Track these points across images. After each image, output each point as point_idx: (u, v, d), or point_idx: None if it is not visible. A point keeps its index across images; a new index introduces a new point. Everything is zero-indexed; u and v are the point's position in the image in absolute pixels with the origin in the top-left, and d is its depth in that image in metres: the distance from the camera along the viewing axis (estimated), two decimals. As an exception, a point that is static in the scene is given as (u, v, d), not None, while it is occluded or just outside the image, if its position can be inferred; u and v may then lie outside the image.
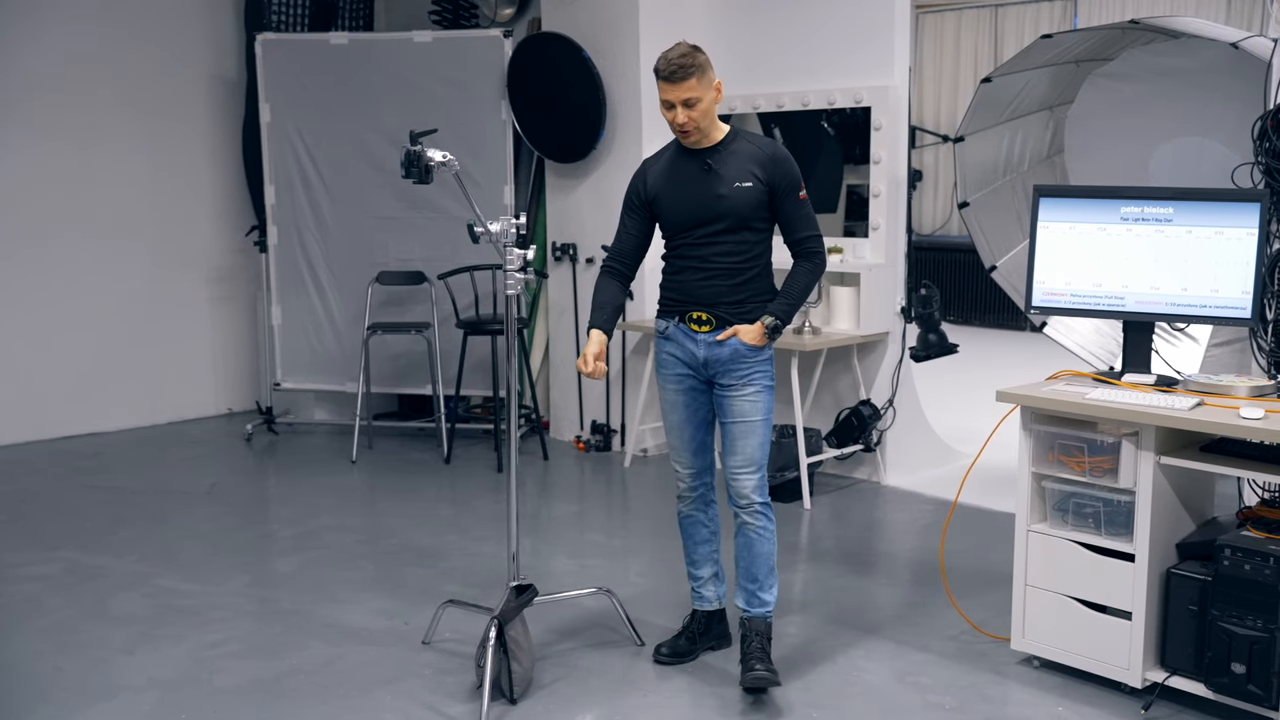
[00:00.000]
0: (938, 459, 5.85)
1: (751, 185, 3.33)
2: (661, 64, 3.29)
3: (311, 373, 6.79)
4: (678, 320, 3.44)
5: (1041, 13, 10.63)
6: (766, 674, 3.31)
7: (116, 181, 6.76)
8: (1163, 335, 4.70)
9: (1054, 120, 5.17)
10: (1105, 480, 3.28)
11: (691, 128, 3.32)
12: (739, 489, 3.40)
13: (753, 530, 3.42)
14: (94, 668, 3.60)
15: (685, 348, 3.43)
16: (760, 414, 3.40)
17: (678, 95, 3.27)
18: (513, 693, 3.33)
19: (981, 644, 3.71)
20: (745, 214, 3.34)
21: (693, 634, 3.66)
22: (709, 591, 3.68)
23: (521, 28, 6.70)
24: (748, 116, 6.01)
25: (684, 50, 3.29)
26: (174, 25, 6.91)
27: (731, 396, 3.40)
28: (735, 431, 3.40)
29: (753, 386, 3.39)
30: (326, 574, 4.42)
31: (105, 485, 5.73)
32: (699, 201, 3.36)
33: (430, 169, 3.28)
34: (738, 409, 3.39)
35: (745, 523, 3.42)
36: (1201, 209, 3.34)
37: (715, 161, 3.36)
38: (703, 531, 3.63)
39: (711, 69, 3.32)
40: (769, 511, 3.44)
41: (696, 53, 3.29)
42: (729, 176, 3.34)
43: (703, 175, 3.36)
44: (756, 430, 3.40)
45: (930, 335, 5.44)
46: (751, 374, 3.38)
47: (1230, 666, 3.07)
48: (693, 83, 3.26)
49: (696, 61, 3.27)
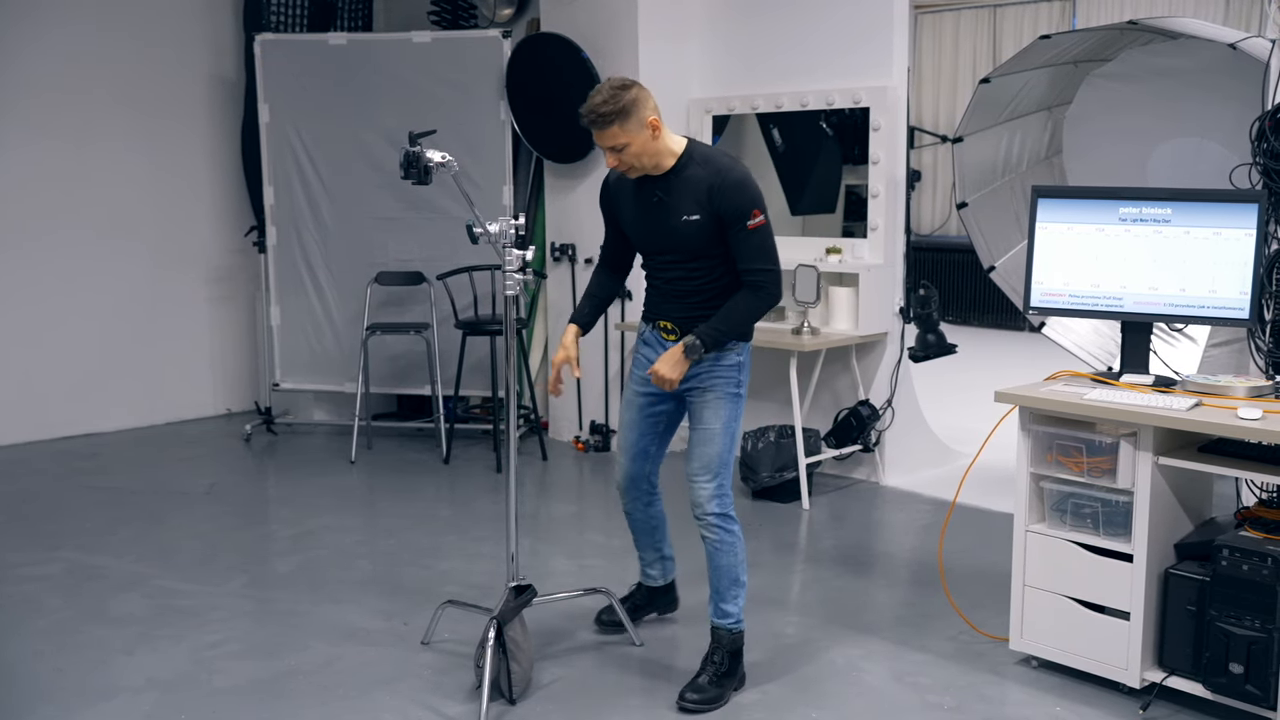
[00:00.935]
0: (936, 459, 5.85)
1: (699, 218, 3.23)
2: (583, 111, 3.19)
3: (310, 373, 6.79)
4: (652, 326, 3.49)
5: (1040, 13, 10.64)
6: (692, 703, 3.27)
7: (115, 181, 6.76)
8: (1161, 336, 4.71)
9: (1052, 121, 5.18)
10: (1103, 481, 3.29)
11: (625, 169, 3.27)
12: (694, 498, 3.37)
13: (711, 544, 3.38)
14: (93, 668, 3.60)
15: (657, 352, 3.44)
16: (719, 422, 3.35)
17: (603, 142, 3.22)
18: (511, 693, 3.33)
19: (980, 644, 3.71)
20: (695, 246, 3.28)
21: (635, 604, 3.85)
22: (655, 570, 3.84)
23: (520, 28, 6.70)
24: (746, 117, 6.02)
25: (605, 96, 3.16)
26: (173, 25, 6.91)
27: (693, 402, 3.40)
28: (694, 438, 3.40)
29: (712, 393, 3.36)
30: (325, 574, 4.43)
31: (104, 485, 5.73)
32: (652, 230, 3.34)
33: (429, 170, 3.28)
34: (697, 415, 3.39)
35: (703, 535, 3.39)
36: (1200, 209, 3.35)
37: (665, 192, 3.29)
38: (643, 525, 3.74)
39: (641, 108, 3.18)
40: (726, 524, 3.36)
41: (621, 94, 3.16)
42: (678, 209, 3.26)
43: (654, 206, 3.31)
44: (714, 438, 3.34)
45: (929, 335, 5.44)
46: (712, 381, 3.36)
47: (1228, 666, 3.07)
48: (615, 130, 3.16)
49: (619, 107, 3.14)
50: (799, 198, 6.06)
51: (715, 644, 3.41)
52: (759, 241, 3.24)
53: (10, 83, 6.35)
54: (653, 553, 3.80)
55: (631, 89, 3.20)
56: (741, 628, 3.43)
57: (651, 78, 5.96)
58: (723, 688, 3.34)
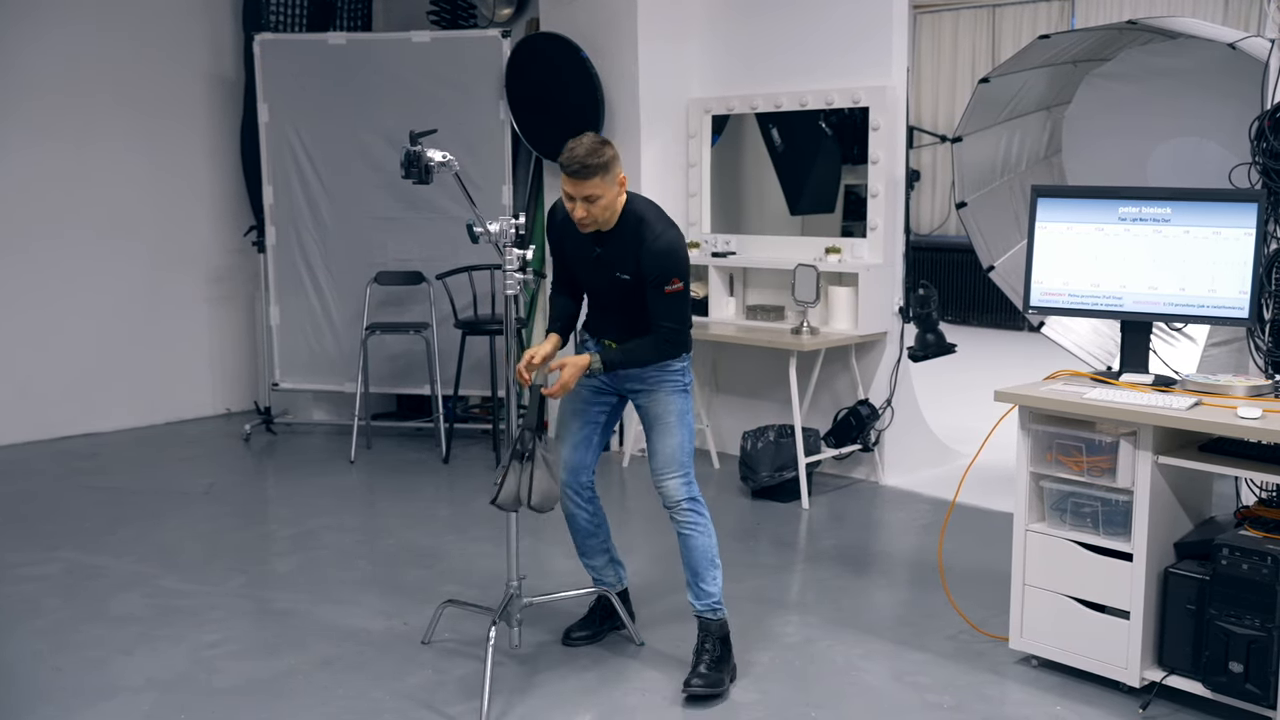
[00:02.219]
0: (936, 459, 5.85)
1: (630, 278, 3.38)
2: (566, 158, 3.25)
3: (310, 373, 6.79)
4: (596, 341, 3.59)
5: (1039, 13, 10.64)
6: (699, 688, 3.36)
7: (115, 181, 6.76)
8: (1160, 335, 4.71)
9: (1052, 120, 5.18)
10: (1103, 480, 3.29)
11: (589, 222, 3.34)
12: (665, 492, 3.45)
13: (685, 529, 3.46)
14: (92, 668, 3.60)
15: None
16: (674, 416, 3.46)
17: (580, 192, 3.27)
18: (530, 501, 3.32)
19: (980, 643, 3.71)
20: (633, 301, 3.42)
21: (599, 616, 3.81)
22: (608, 576, 3.79)
23: (520, 28, 6.70)
24: (745, 117, 6.02)
25: (590, 147, 3.25)
26: (172, 25, 6.91)
27: (644, 404, 3.51)
28: (653, 436, 3.49)
29: (661, 392, 3.47)
30: (325, 574, 4.43)
31: (103, 485, 5.73)
32: (590, 276, 3.49)
33: (430, 169, 3.28)
34: (651, 413, 3.49)
35: (678, 522, 3.47)
36: (1199, 209, 3.35)
37: (604, 250, 3.41)
38: (584, 526, 3.70)
39: (618, 164, 3.31)
40: (698, 508, 3.47)
41: (604, 148, 3.27)
42: (613, 265, 3.40)
43: (593, 260, 3.44)
44: (672, 430, 3.45)
45: (928, 335, 5.44)
46: (660, 382, 3.47)
47: (1228, 665, 3.07)
48: (596, 181, 3.24)
49: (603, 160, 3.24)
50: (798, 197, 6.06)
51: (705, 633, 3.47)
52: (672, 303, 3.38)
53: (10, 82, 6.35)
54: (602, 556, 3.77)
55: (610, 145, 3.32)
56: (724, 612, 3.50)
57: (651, 77, 5.99)
58: (721, 673, 3.41)
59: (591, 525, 3.70)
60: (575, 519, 3.68)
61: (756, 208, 6.25)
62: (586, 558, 3.77)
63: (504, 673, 3.50)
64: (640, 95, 5.96)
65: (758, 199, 6.25)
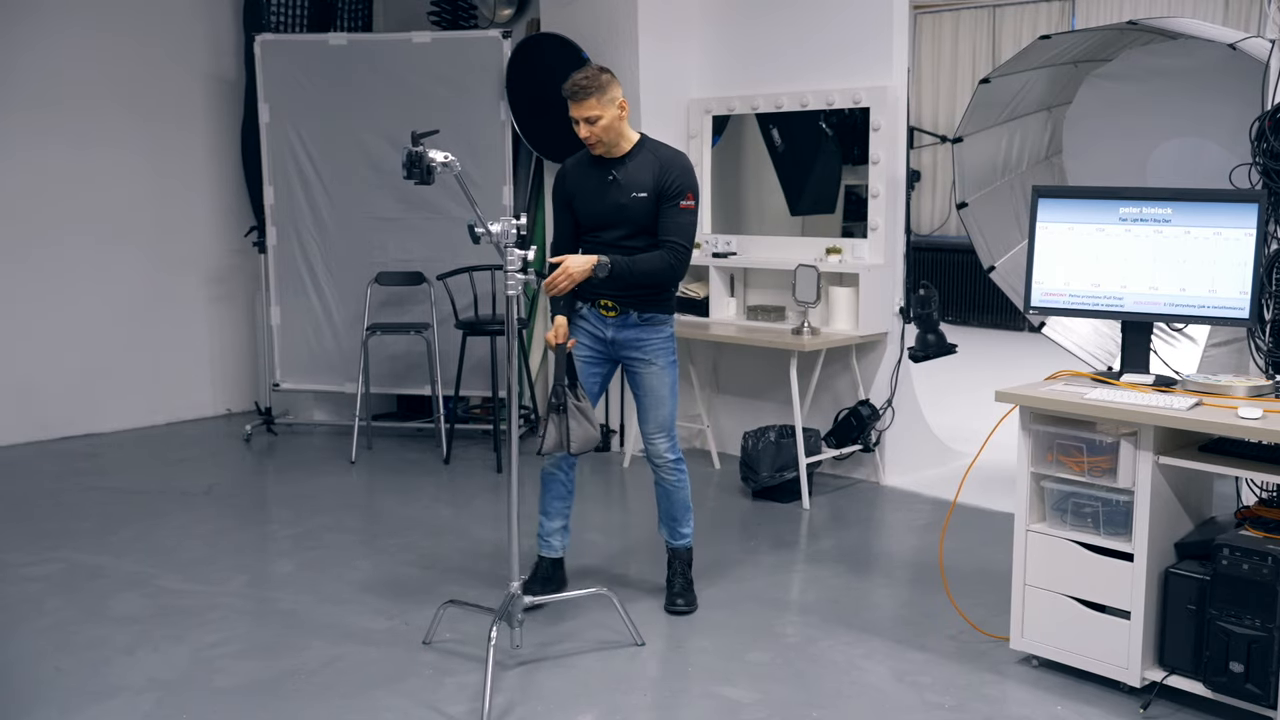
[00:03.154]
0: (936, 459, 5.85)
1: (646, 195, 3.76)
2: (566, 85, 3.70)
3: (310, 373, 6.79)
4: (590, 304, 3.89)
5: (1039, 13, 10.65)
6: (685, 607, 3.98)
7: (116, 181, 6.76)
8: (1161, 335, 4.71)
9: (1052, 121, 5.19)
10: (1104, 480, 3.29)
11: (595, 140, 3.75)
12: (655, 450, 3.96)
13: (669, 483, 3.99)
14: (94, 668, 3.60)
15: (596, 327, 3.91)
16: (665, 389, 3.92)
17: (580, 113, 3.71)
18: (570, 446, 3.65)
19: (980, 643, 3.71)
20: (643, 222, 3.79)
21: (544, 579, 4.11)
22: (556, 541, 4.13)
23: (520, 28, 6.71)
24: (746, 117, 6.02)
25: (588, 73, 3.72)
26: (173, 26, 6.92)
27: (641, 373, 3.91)
28: (647, 404, 3.94)
29: (657, 365, 3.89)
30: (326, 574, 4.43)
31: (104, 486, 5.73)
32: (604, 208, 3.81)
33: (432, 170, 3.28)
34: (647, 384, 3.92)
35: (663, 478, 3.98)
36: (1200, 209, 3.35)
37: (619, 173, 3.80)
38: (560, 489, 4.05)
39: (615, 88, 3.73)
40: (680, 465, 3.98)
41: (600, 74, 3.72)
42: (629, 187, 3.78)
43: (608, 184, 3.80)
44: (665, 401, 3.92)
45: (929, 335, 5.44)
46: (655, 351, 3.89)
47: (1229, 665, 3.08)
48: (593, 102, 3.68)
49: (598, 83, 3.68)
50: (798, 198, 6.06)
51: (679, 561, 4.06)
52: (684, 220, 3.79)
53: (11, 82, 6.35)
54: (560, 520, 4.10)
55: (608, 72, 3.76)
56: (692, 542, 4.10)
57: (651, 78, 5.99)
58: (693, 592, 4.05)
59: (565, 490, 4.06)
60: (555, 480, 4.03)
61: (757, 208, 6.25)
62: (548, 518, 4.09)
63: (505, 673, 3.50)
64: (641, 96, 5.96)
65: (758, 199, 6.25)
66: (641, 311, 3.86)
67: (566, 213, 3.94)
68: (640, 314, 3.86)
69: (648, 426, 3.95)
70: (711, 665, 3.60)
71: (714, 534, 4.89)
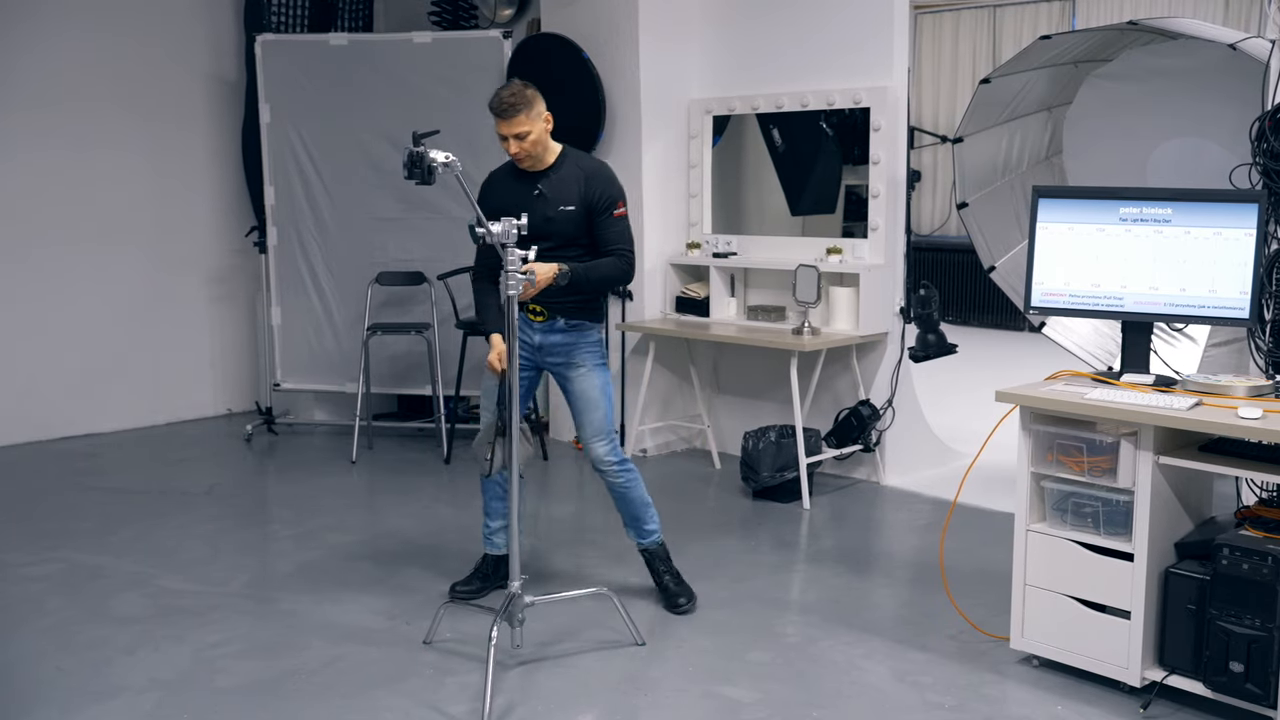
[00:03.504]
0: (936, 459, 5.86)
1: (574, 209, 3.79)
2: (494, 103, 3.72)
3: (311, 373, 6.79)
4: (521, 310, 3.83)
5: (1039, 13, 10.65)
6: (686, 605, 3.99)
7: (116, 181, 6.77)
8: (1161, 335, 4.71)
9: (1053, 121, 5.19)
10: (1104, 480, 3.29)
11: (524, 155, 3.78)
12: (597, 455, 3.91)
13: (619, 486, 3.95)
14: (95, 668, 3.60)
15: (525, 332, 3.90)
16: (597, 390, 3.89)
17: (510, 130, 3.72)
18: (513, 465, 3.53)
19: (981, 643, 3.72)
20: (570, 233, 3.81)
21: (484, 574, 4.13)
22: (500, 539, 4.09)
23: (521, 29, 6.71)
24: (746, 117, 6.02)
25: (514, 89, 3.73)
26: (173, 26, 6.92)
27: (569, 377, 3.91)
28: (580, 408, 3.91)
29: (584, 367, 3.89)
30: (327, 574, 4.43)
31: (105, 486, 5.74)
32: (531, 222, 3.66)
33: (433, 170, 3.28)
34: (578, 388, 3.90)
35: (611, 482, 3.94)
36: (1200, 210, 3.35)
37: (545, 186, 3.82)
38: (499, 489, 4.01)
39: (540, 102, 3.77)
40: (625, 466, 3.94)
41: (525, 89, 3.73)
42: (555, 200, 3.80)
43: (534, 198, 3.79)
44: (599, 404, 3.89)
45: (929, 335, 5.45)
46: (583, 354, 3.89)
47: (1229, 665, 3.08)
48: (522, 118, 3.70)
49: (525, 98, 3.71)
50: (799, 198, 6.07)
51: (657, 560, 4.05)
52: (622, 227, 3.86)
53: (11, 83, 6.35)
54: (502, 519, 4.03)
55: (531, 87, 3.77)
56: (662, 537, 4.07)
57: (652, 78, 6.00)
58: (685, 583, 4.06)
59: (504, 490, 3.96)
60: (491, 484, 4.00)
61: (757, 208, 6.26)
62: (490, 518, 4.09)
63: (505, 673, 3.50)
64: (641, 96, 5.97)
65: (758, 200, 6.26)
66: (569, 318, 3.88)
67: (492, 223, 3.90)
68: (568, 320, 3.88)
69: (585, 432, 3.91)
70: (712, 665, 3.60)
71: (714, 534, 4.89)
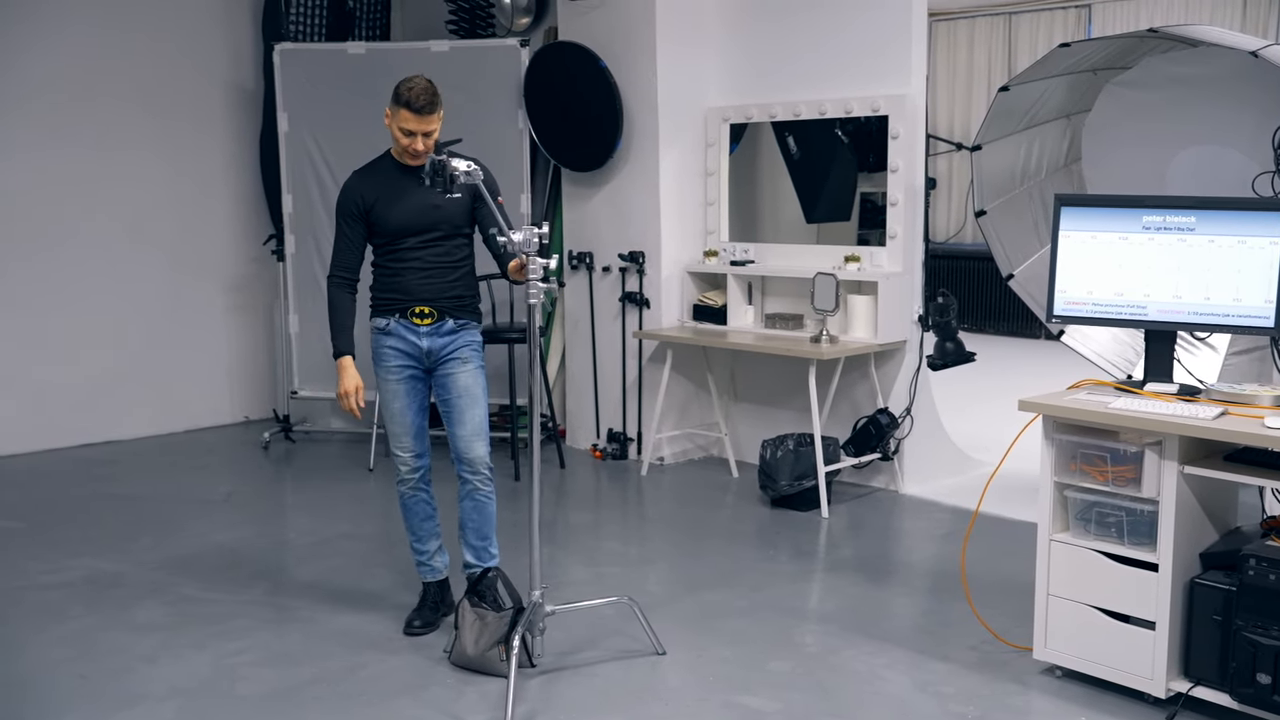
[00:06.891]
0: (955, 468, 5.84)
1: (460, 195, 3.70)
2: (414, 96, 3.64)
3: (328, 381, 6.77)
4: (398, 316, 3.83)
5: (1055, 21, 10.62)
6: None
7: (134, 189, 6.80)
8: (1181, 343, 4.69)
9: (1071, 128, 5.17)
10: (1128, 489, 3.28)
11: (420, 154, 3.73)
12: (472, 455, 3.81)
13: (482, 495, 3.86)
14: (116, 675, 3.61)
15: (408, 340, 3.83)
16: (480, 387, 3.85)
17: (424, 126, 3.69)
18: (451, 654, 3.59)
19: (1003, 653, 3.70)
20: (457, 221, 3.81)
21: (434, 603, 4.02)
22: (438, 562, 4.05)
23: (538, 37, 6.72)
24: (762, 125, 6.02)
25: (428, 86, 3.67)
26: (192, 34, 6.95)
27: (456, 373, 3.82)
28: (460, 405, 3.82)
29: (472, 364, 3.84)
30: (346, 582, 4.43)
31: (123, 493, 5.75)
32: (418, 210, 3.77)
33: (455, 179, 3.29)
34: (463, 384, 3.82)
35: (475, 488, 3.84)
36: (1224, 218, 3.34)
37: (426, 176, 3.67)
38: (426, 509, 3.98)
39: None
40: (492, 474, 3.88)
41: (435, 87, 3.69)
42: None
43: (420, 188, 3.73)
44: (479, 401, 3.83)
45: (947, 343, 5.43)
46: (469, 352, 3.84)
47: (1255, 677, 3.05)
48: (435, 116, 3.70)
49: (439, 97, 3.69)
50: (814, 206, 6.06)
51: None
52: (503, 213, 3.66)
53: (30, 89, 6.39)
54: (435, 541, 4.03)
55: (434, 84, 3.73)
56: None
57: (669, 86, 6.00)
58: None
59: (430, 509, 3.99)
60: (418, 504, 3.96)
61: (774, 216, 6.25)
62: (421, 543, 4.01)
63: (526, 682, 3.50)
64: (659, 104, 5.97)
65: (775, 207, 6.25)
66: (457, 318, 3.85)
67: (360, 225, 3.85)
68: (456, 320, 3.84)
69: (465, 429, 3.81)
70: (732, 674, 3.59)
71: (732, 542, 4.88)
